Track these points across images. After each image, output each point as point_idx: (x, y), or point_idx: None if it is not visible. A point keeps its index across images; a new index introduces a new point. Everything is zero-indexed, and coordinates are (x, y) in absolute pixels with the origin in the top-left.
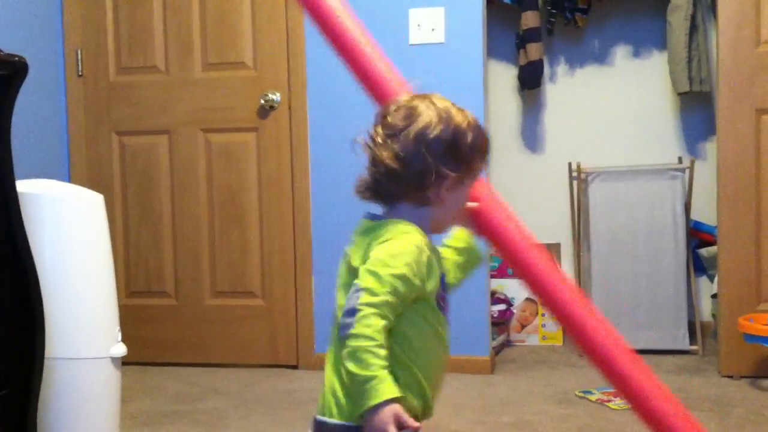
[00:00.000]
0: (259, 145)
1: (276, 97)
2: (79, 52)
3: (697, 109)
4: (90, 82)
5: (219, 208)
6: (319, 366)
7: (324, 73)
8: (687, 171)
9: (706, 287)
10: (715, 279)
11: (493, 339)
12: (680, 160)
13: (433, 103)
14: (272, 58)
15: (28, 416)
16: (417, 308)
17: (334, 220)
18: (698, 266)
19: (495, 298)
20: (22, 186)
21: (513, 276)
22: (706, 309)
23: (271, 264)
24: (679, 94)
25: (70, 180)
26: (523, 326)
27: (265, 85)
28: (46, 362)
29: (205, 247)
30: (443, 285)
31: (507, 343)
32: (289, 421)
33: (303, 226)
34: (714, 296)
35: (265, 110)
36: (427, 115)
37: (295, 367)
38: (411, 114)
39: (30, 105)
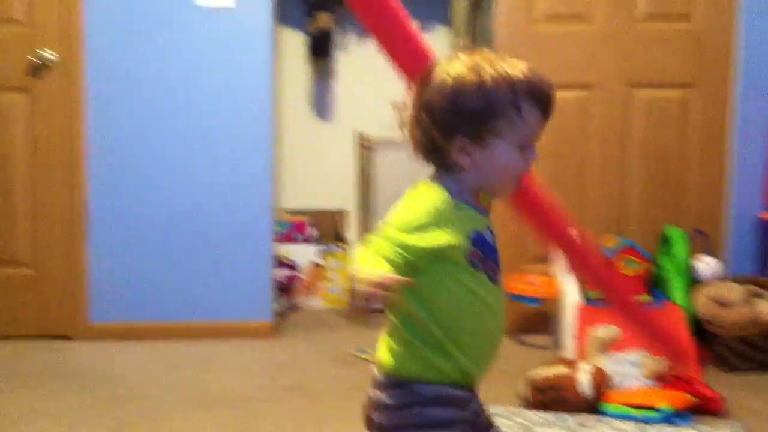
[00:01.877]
0: (32, 106)
1: (50, 55)
2: None
3: None
4: None
5: None
6: (95, 336)
7: (103, 31)
8: None
9: None
10: None
11: (279, 303)
12: None
13: (452, 62)
14: (45, 14)
15: None
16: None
17: (112, 186)
18: None
19: (281, 263)
20: None
21: (300, 242)
22: None
23: (42, 231)
24: None
25: None
26: (308, 290)
27: (37, 42)
28: None
29: None
30: (481, 247)
31: (292, 307)
32: (57, 393)
33: (78, 191)
34: None
35: (38, 69)
36: (436, 75)
37: (68, 337)
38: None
39: None
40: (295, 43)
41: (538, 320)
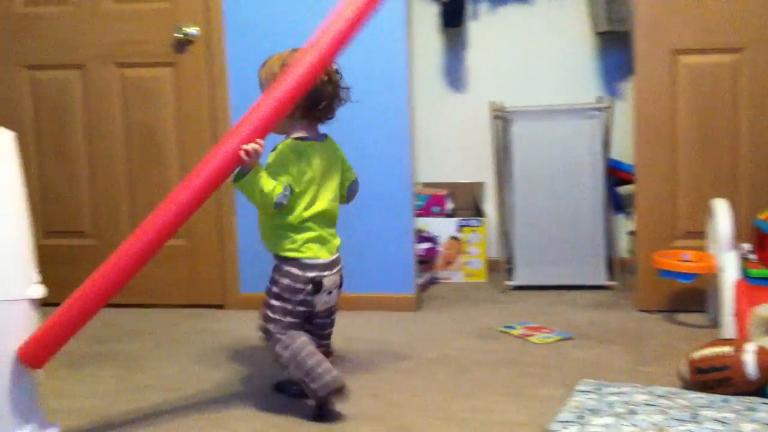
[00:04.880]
0: (177, 81)
1: (193, 30)
2: None
3: (615, 49)
4: None
5: (136, 146)
6: (246, 306)
7: (242, 6)
8: (606, 110)
9: (623, 225)
10: (632, 216)
11: (419, 277)
12: (599, 99)
13: None
14: None
15: None
16: None
17: None
18: (616, 204)
19: (420, 237)
20: None
21: (438, 215)
22: (623, 246)
23: None
24: (598, 33)
25: None
26: (448, 263)
27: (180, 17)
28: None
29: (124, 185)
30: None
31: (432, 281)
32: (211, 359)
33: None
34: (631, 233)
35: (182, 44)
36: None
37: (221, 306)
38: None
39: None
40: (426, 12)
41: (689, 298)
